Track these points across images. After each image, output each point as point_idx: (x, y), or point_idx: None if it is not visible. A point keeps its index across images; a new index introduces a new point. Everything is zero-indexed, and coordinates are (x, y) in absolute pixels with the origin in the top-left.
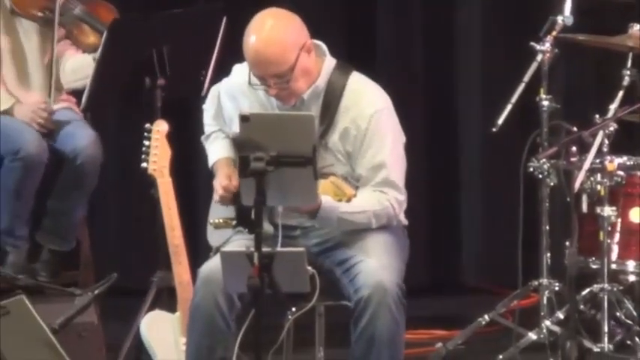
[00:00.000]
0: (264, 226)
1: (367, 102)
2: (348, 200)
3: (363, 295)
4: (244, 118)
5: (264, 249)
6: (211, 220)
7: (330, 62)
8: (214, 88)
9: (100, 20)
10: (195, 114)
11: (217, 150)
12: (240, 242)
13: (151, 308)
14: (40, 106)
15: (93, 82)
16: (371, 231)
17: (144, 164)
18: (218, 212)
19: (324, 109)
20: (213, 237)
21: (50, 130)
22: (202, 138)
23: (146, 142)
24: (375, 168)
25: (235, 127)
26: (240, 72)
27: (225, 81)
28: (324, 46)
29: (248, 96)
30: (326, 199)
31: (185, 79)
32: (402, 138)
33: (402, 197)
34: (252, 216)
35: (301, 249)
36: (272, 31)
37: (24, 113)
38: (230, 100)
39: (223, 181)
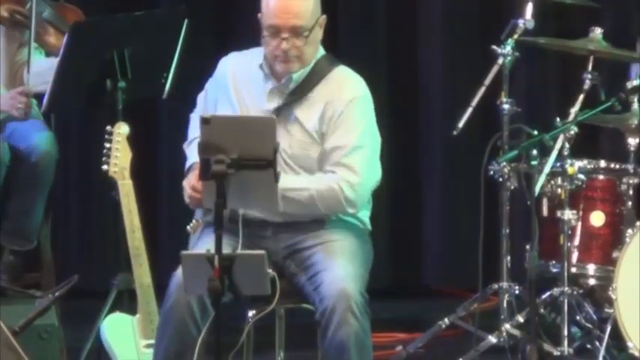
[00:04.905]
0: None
1: (349, 88)
2: None
3: (328, 305)
4: (205, 121)
5: (225, 251)
6: (188, 227)
7: (320, 50)
8: (209, 81)
9: (67, 24)
10: (157, 116)
11: (194, 153)
12: (211, 243)
13: (112, 310)
14: (18, 90)
15: (54, 84)
16: (337, 237)
17: (104, 166)
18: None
19: (300, 85)
20: (191, 242)
21: (28, 114)
22: (184, 145)
23: (107, 145)
24: (335, 148)
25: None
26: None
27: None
28: None
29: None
30: None
31: (147, 82)
32: (378, 137)
33: (356, 179)
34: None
35: (261, 251)
36: None
37: (2, 102)
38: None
39: (192, 180)
